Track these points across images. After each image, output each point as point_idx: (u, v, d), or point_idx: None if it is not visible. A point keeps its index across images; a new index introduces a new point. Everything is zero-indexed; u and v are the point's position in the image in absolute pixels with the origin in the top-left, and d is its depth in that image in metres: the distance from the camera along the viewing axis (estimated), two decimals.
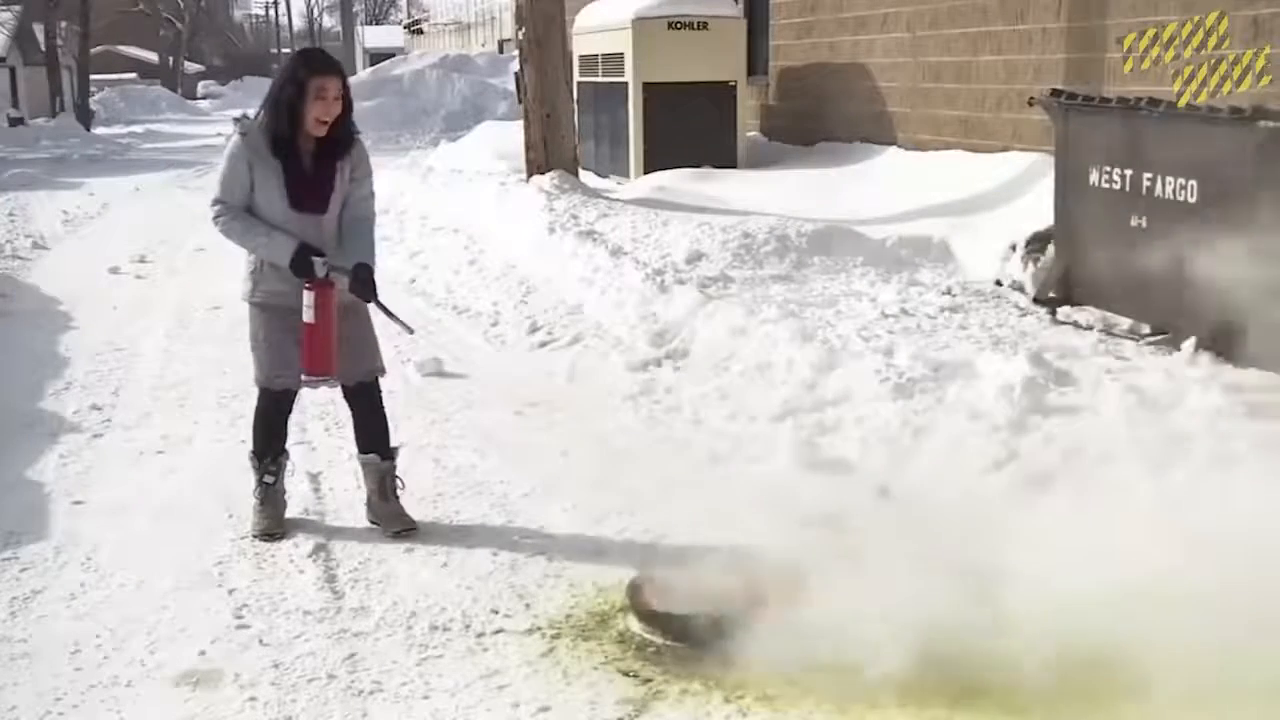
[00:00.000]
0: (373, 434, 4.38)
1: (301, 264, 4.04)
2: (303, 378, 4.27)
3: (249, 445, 4.43)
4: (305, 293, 4.04)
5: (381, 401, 4.40)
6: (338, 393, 4.48)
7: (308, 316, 4.05)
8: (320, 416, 5.50)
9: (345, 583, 3.93)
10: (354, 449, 4.47)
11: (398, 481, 4.39)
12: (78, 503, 4.71)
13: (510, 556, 4.07)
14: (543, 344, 7.05)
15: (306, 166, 4.08)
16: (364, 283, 4.10)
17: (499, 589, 3.83)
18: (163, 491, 4.83)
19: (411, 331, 4.28)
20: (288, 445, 4.46)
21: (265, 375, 4.28)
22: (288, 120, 4.02)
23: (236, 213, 4.09)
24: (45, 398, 6.17)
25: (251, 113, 4.21)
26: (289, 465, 4.46)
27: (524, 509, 4.52)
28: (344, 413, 4.54)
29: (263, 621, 3.67)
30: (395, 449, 4.41)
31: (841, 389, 5.50)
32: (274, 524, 4.32)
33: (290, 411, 4.41)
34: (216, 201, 4.12)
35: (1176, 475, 4.26)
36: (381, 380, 4.41)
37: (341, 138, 4.11)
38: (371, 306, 4.20)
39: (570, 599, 3.74)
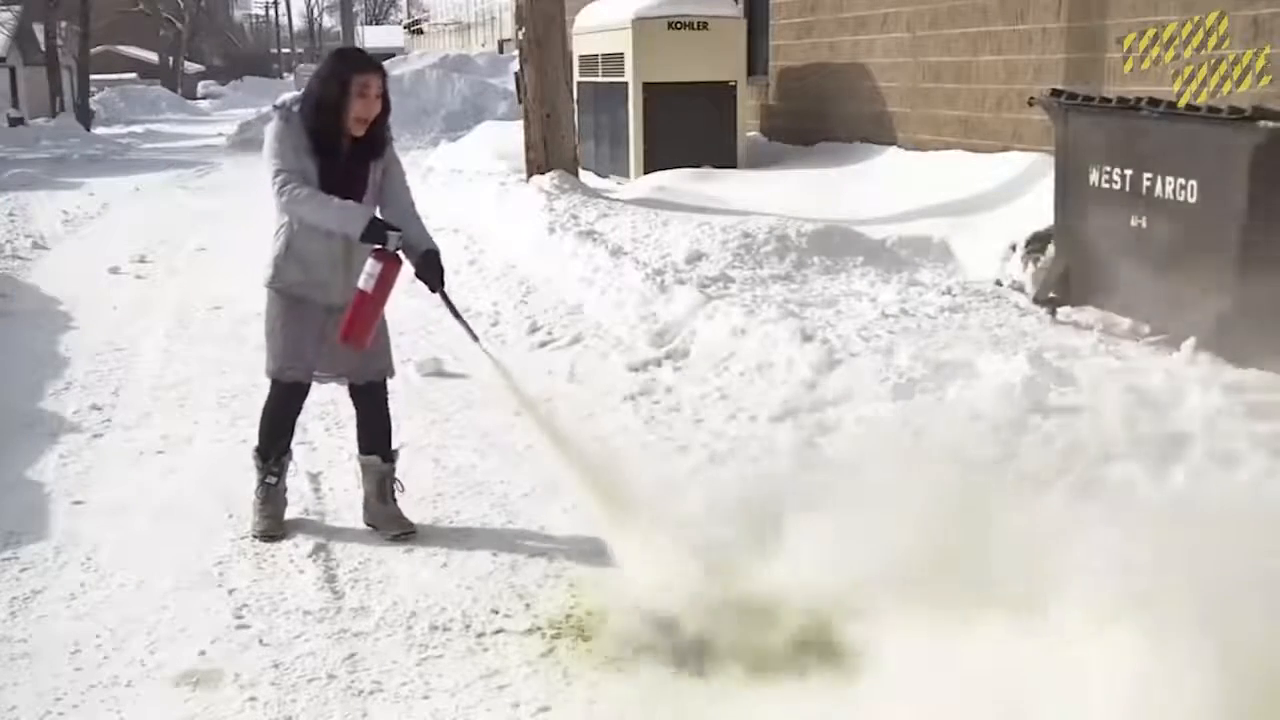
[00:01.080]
0: (375, 435, 4.38)
1: (375, 233, 3.97)
2: (316, 372, 4.26)
3: (253, 443, 4.42)
4: (371, 261, 3.98)
5: (387, 403, 4.40)
6: (338, 392, 4.48)
7: (364, 284, 3.97)
8: (320, 416, 5.50)
9: (345, 583, 3.93)
10: (354, 449, 4.46)
11: (397, 484, 4.39)
12: (78, 503, 4.71)
13: (510, 556, 4.07)
14: (543, 344, 7.05)
15: (340, 165, 4.05)
16: (432, 268, 4.07)
17: (499, 589, 3.83)
18: (163, 491, 4.83)
19: (476, 338, 4.22)
20: (291, 445, 4.46)
21: (277, 365, 4.25)
22: (329, 118, 3.99)
23: (301, 182, 3.98)
24: (45, 398, 6.17)
25: (286, 99, 4.16)
26: (291, 465, 4.46)
27: (524, 509, 4.52)
28: (344, 412, 4.54)
29: (263, 621, 3.67)
30: (396, 451, 4.41)
31: (841, 389, 5.50)
32: (274, 524, 4.32)
33: (300, 410, 4.39)
34: (279, 172, 3.98)
35: (1176, 475, 4.26)
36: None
37: (376, 140, 4.09)
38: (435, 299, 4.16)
39: (570, 599, 3.74)
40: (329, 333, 4.14)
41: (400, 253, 4.03)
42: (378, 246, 3.97)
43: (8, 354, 7.13)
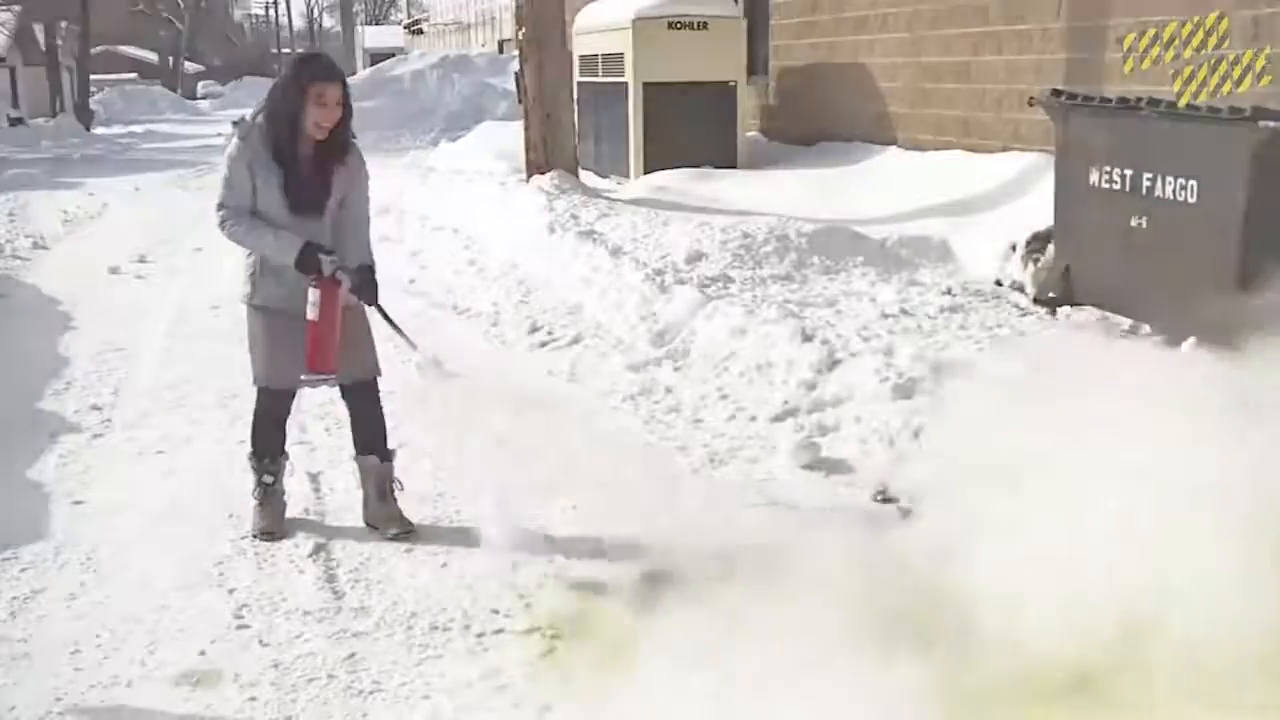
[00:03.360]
0: (370, 435, 4.38)
1: (308, 261, 4.02)
2: (302, 377, 4.28)
3: (248, 445, 4.43)
4: (310, 290, 4.03)
5: (380, 402, 4.40)
6: (338, 392, 4.47)
7: (311, 314, 4.03)
8: (320, 417, 5.50)
9: (345, 583, 3.93)
10: (354, 449, 4.46)
11: (396, 484, 4.39)
12: (78, 503, 4.71)
13: (510, 556, 4.06)
14: (543, 344, 7.04)
15: (305, 171, 4.08)
16: (367, 284, 4.13)
17: (499, 589, 3.83)
18: (163, 491, 4.83)
19: (415, 347, 4.24)
20: (287, 445, 4.46)
21: (263, 375, 4.29)
22: (287, 125, 4.02)
23: (241, 216, 4.09)
24: (45, 398, 6.17)
25: (249, 114, 4.21)
26: (288, 465, 4.46)
27: (524, 509, 4.51)
28: (344, 412, 4.54)
29: (263, 621, 3.67)
30: (393, 451, 4.41)
31: (841, 389, 5.50)
32: (274, 524, 4.32)
33: (289, 412, 4.41)
34: (221, 206, 4.11)
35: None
36: (380, 381, 4.42)
37: (338, 143, 4.11)
38: (373, 312, 4.21)
39: (570, 599, 3.74)
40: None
41: (340, 272, 4.06)
42: (315, 275, 4.02)
43: (8, 354, 7.14)
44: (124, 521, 4.50)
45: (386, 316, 4.21)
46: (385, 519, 4.32)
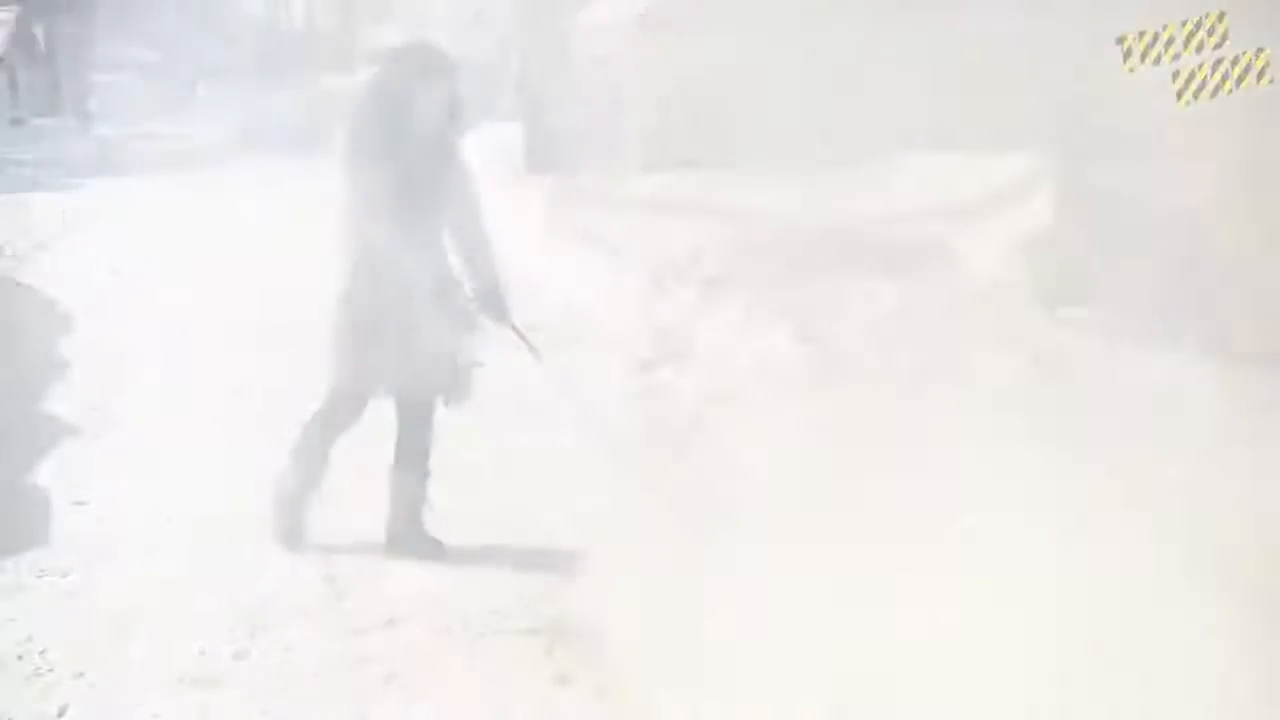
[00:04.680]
0: (411, 450, 4.25)
1: None
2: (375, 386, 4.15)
3: (292, 445, 4.26)
4: None
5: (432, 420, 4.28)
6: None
7: None
8: None
9: (345, 583, 3.93)
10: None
11: (427, 504, 4.25)
12: (78, 503, 4.71)
13: (510, 556, 4.07)
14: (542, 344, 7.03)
15: None
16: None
17: (499, 589, 3.83)
18: (163, 491, 4.82)
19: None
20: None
21: (338, 379, 4.16)
22: None
23: None
24: (45, 398, 6.17)
25: None
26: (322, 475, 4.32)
27: (524, 509, 4.51)
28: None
29: (263, 621, 3.67)
30: (429, 470, 4.27)
31: (842, 390, 5.49)
32: (294, 528, 4.24)
33: (352, 425, 4.25)
34: None
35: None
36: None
37: None
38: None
39: (570, 599, 3.74)
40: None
41: None
42: None
43: (8, 354, 7.13)
44: (124, 522, 4.50)
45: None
46: (411, 541, 4.17)
